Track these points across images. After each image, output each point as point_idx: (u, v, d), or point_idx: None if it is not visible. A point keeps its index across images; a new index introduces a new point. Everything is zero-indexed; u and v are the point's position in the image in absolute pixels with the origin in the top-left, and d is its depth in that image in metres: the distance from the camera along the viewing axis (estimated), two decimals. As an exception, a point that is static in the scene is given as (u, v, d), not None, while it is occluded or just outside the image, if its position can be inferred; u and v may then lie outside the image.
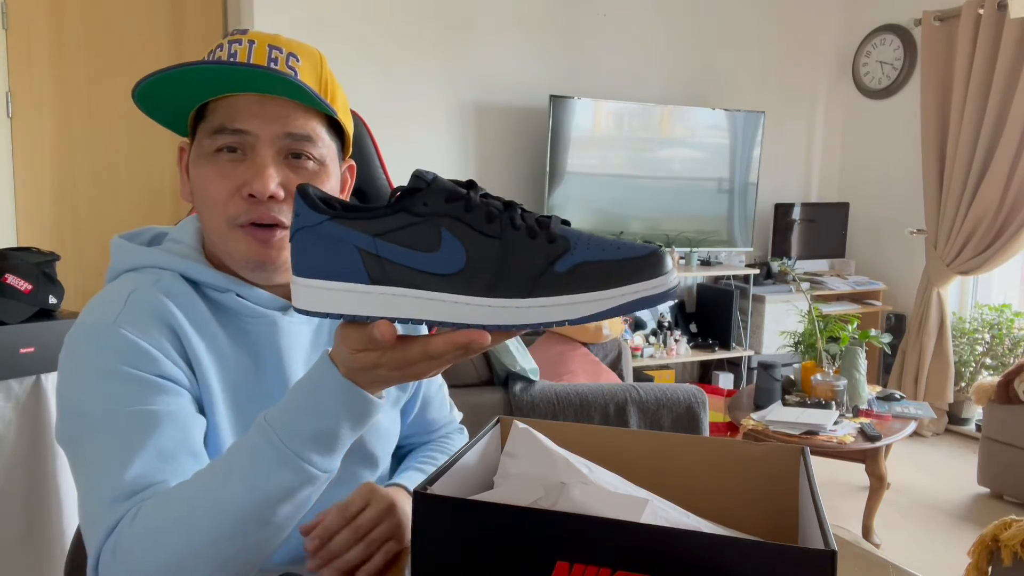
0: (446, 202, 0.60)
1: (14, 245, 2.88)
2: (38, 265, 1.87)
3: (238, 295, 0.86)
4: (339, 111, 0.86)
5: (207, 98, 0.82)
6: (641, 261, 0.59)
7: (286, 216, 0.82)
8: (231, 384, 0.86)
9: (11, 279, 1.80)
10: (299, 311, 0.61)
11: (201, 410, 0.83)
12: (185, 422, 0.79)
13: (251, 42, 0.82)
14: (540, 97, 3.84)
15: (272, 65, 0.81)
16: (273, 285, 0.89)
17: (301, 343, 0.92)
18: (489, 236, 0.60)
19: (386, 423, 1.02)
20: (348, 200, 0.90)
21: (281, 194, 0.81)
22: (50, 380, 1.84)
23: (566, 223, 0.63)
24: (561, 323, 0.58)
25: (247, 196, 0.81)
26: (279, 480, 0.67)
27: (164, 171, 3.22)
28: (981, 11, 3.88)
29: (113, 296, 0.82)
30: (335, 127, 0.88)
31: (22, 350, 1.78)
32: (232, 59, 0.81)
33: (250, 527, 0.68)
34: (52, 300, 1.88)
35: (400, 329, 0.61)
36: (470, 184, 0.62)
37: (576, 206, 3.95)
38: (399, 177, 1.01)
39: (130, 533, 0.69)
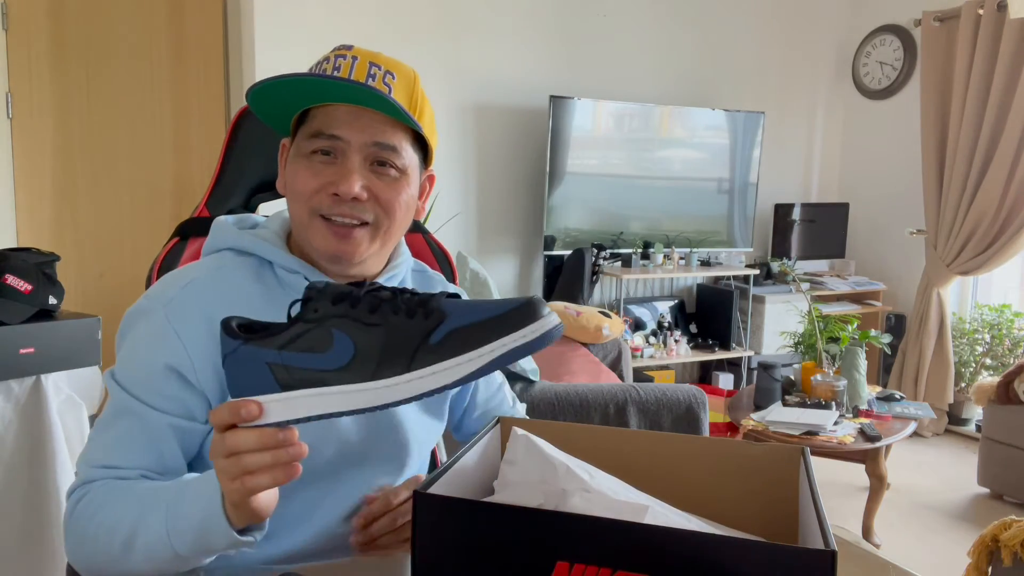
0: (333, 304, 0.67)
1: (14, 245, 2.89)
2: (38, 265, 1.86)
3: (306, 277, 0.94)
4: (424, 126, 0.94)
5: (310, 104, 0.91)
6: (513, 313, 0.63)
7: (368, 216, 0.92)
8: None
9: (11, 279, 1.79)
10: None
11: (222, 400, 0.90)
12: (178, 414, 0.87)
13: (354, 58, 0.91)
14: (540, 97, 3.84)
15: (370, 81, 0.90)
16: (346, 276, 0.96)
17: None
18: (373, 325, 0.66)
19: (414, 428, 1.02)
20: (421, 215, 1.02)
21: (364, 195, 0.90)
22: (50, 380, 1.84)
23: (454, 296, 0.69)
24: (440, 389, 0.64)
25: (332, 195, 0.89)
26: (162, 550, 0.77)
27: (164, 171, 3.22)
28: (981, 11, 3.88)
29: (177, 279, 0.92)
30: (420, 140, 0.96)
31: (22, 351, 1.78)
32: (336, 72, 0.90)
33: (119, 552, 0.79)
34: (52, 300, 1.87)
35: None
36: (360, 283, 0.70)
37: (576, 206, 3.96)
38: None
39: (75, 511, 0.83)
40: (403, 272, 1.04)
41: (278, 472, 0.68)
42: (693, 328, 4.38)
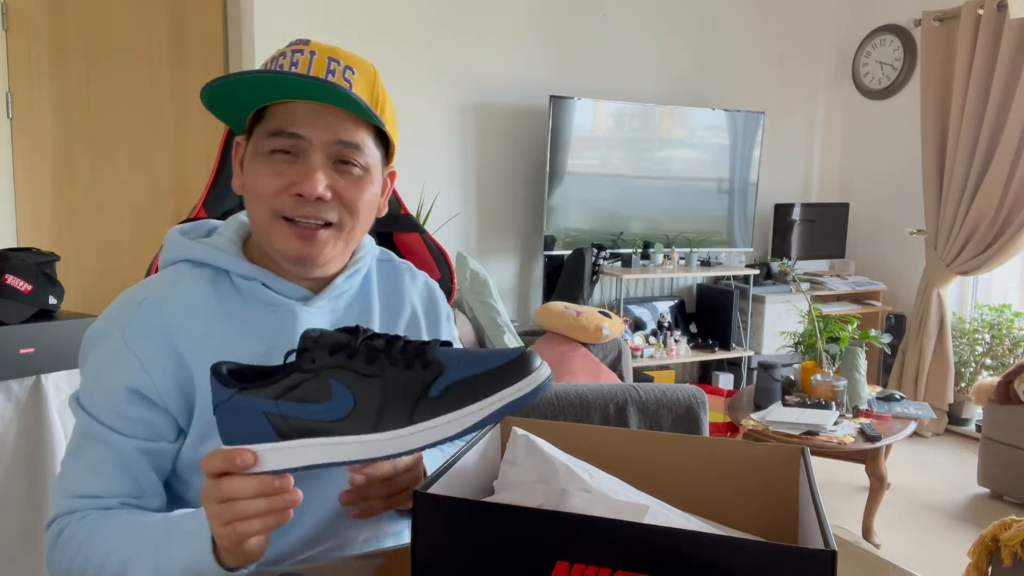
0: (331, 354, 0.68)
1: (14, 245, 2.89)
2: (38, 265, 1.86)
3: (263, 284, 0.92)
4: (387, 122, 0.92)
5: (268, 102, 0.88)
6: (507, 368, 0.65)
7: (332, 216, 0.89)
8: None
9: (11, 279, 1.80)
10: None
11: (188, 416, 0.89)
12: (145, 436, 0.87)
13: (312, 53, 0.88)
14: (540, 97, 3.84)
15: (330, 76, 0.87)
16: (309, 278, 0.94)
17: None
18: (371, 376, 0.67)
19: None
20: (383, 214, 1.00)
21: (328, 195, 0.87)
22: (50, 380, 1.84)
23: (446, 344, 0.70)
24: (442, 441, 0.66)
25: (295, 195, 0.87)
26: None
27: (164, 171, 3.22)
28: (981, 11, 3.88)
29: (132, 299, 0.91)
30: (382, 137, 0.94)
31: (22, 351, 1.78)
32: (294, 68, 0.87)
33: None
34: (52, 300, 1.87)
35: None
36: (355, 330, 0.70)
37: (576, 206, 3.95)
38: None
39: (57, 543, 0.83)
40: (366, 266, 1.02)
41: (270, 519, 0.69)
42: (693, 328, 4.38)
